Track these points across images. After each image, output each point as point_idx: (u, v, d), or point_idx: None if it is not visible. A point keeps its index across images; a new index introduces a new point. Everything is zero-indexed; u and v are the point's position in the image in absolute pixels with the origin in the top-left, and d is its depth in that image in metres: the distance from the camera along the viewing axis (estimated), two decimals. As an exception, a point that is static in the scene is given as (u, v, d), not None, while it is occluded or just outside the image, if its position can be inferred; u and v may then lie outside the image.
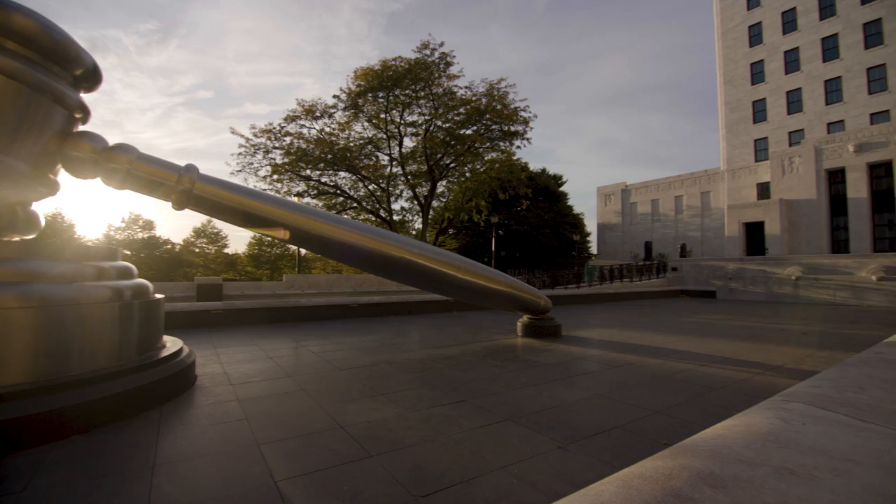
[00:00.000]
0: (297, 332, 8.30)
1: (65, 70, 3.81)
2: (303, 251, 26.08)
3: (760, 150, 37.31)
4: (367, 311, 11.07)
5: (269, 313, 9.63)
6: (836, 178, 29.77)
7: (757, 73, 37.82)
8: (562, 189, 47.46)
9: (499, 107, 27.06)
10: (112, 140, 4.12)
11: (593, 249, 51.81)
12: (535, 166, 45.54)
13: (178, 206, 4.44)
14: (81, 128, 4.12)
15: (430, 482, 2.42)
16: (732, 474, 1.35)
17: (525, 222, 40.60)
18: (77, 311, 3.33)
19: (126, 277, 4.06)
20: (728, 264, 24.38)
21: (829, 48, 33.45)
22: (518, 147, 29.13)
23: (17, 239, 3.88)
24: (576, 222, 45.48)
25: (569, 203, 47.02)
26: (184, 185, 4.29)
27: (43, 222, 4.13)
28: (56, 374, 3.18)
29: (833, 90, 33.30)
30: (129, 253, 4.67)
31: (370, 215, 30.08)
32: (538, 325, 7.70)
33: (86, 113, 4.08)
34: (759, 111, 37.68)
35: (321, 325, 9.24)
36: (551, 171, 48.52)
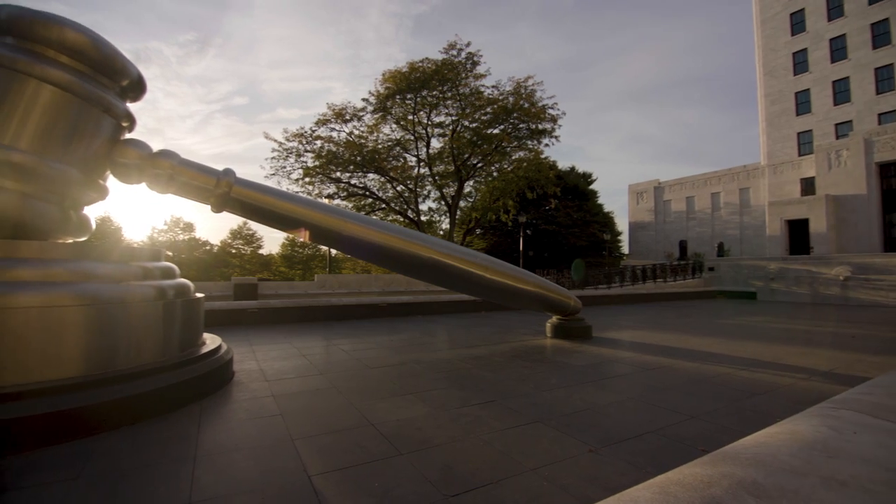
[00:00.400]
0: (329, 330, 8.48)
1: (113, 81, 4.03)
2: (333, 252, 26.65)
3: (804, 143, 35.36)
4: (396, 310, 11.19)
5: (301, 312, 9.89)
6: (888, 172, 27.92)
7: (800, 62, 35.85)
8: (591, 187, 46.55)
9: (526, 105, 26.82)
10: (155, 147, 4.33)
11: (624, 249, 50.52)
12: (563, 165, 44.87)
13: (217, 208, 4.62)
14: (128, 136, 4.36)
15: (459, 482, 2.43)
16: (777, 484, 1.29)
17: (553, 221, 40.05)
18: (125, 309, 3.52)
19: (169, 277, 4.26)
20: (769, 264, 23.28)
21: (880, 34, 31.32)
22: (546, 145, 28.80)
23: (70, 241, 4.14)
24: (606, 221, 44.52)
25: (599, 201, 46.07)
26: (222, 189, 4.47)
27: (94, 225, 4.39)
28: (106, 368, 3.36)
29: (884, 79, 31.18)
30: (171, 254, 4.93)
31: (398, 216, 30.40)
32: (568, 325, 7.58)
33: (132, 121, 4.31)
34: (802, 103, 35.71)
35: (351, 324, 9.41)
36: (580, 169, 47.75)
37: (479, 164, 29.18)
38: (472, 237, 39.93)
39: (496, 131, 27.66)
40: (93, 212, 4.41)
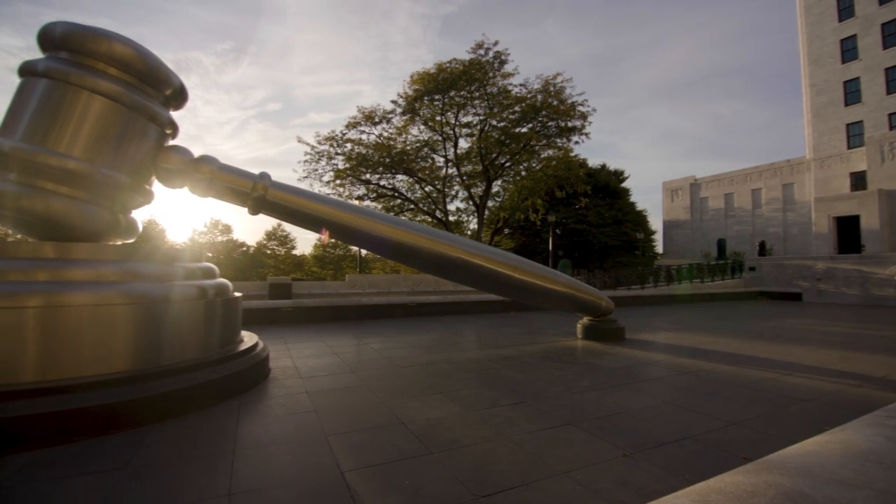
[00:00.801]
0: (359, 329, 8.62)
1: (157, 91, 4.25)
2: (364, 252, 27.07)
3: (854, 135, 33.18)
4: (425, 310, 11.26)
5: (333, 311, 10.10)
6: (951, 165, 25.88)
7: (848, 49, 33.63)
8: (623, 185, 45.31)
9: (555, 102, 26.42)
10: (196, 152, 4.53)
11: (658, 248, 48.95)
12: (594, 162, 43.89)
13: (254, 211, 4.79)
14: (171, 142, 4.57)
15: (490, 483, 2.43)
16: (828, 496, 1.23)
17: (584, 221, 39.26)
18: (169, 307, 3.70)
19: (209, 277, 4.45)
20: (816, 263, 22.04)
21: (939, 17, 29.07)
22: (576, 143, 28.31)
23: (119, 243, 4.38)
24: (639, 220, 43.22)
25: (631, 199, 44.78)
26: (258, 192, 4.63)
27: (140, 228, 4.64)
28: (152, 364, 3.54)
29: (944, 65, 28.91)
30: (210, 255, 5.17)
31: (426, 216, 30.56)
32: (599, 327, 7.42)
33: (175, 129, 4.53)
34: (851, 92, 33.49)
35: (381, 324, 9.54)
36: (612, 166, 46.53)
37: (508, 164, 28.95)
38: (500, 237, 39.67)
39: (524, 130, 27.38)
40: (139, 215, 4.65)
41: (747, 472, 1.43)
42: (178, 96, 4.52)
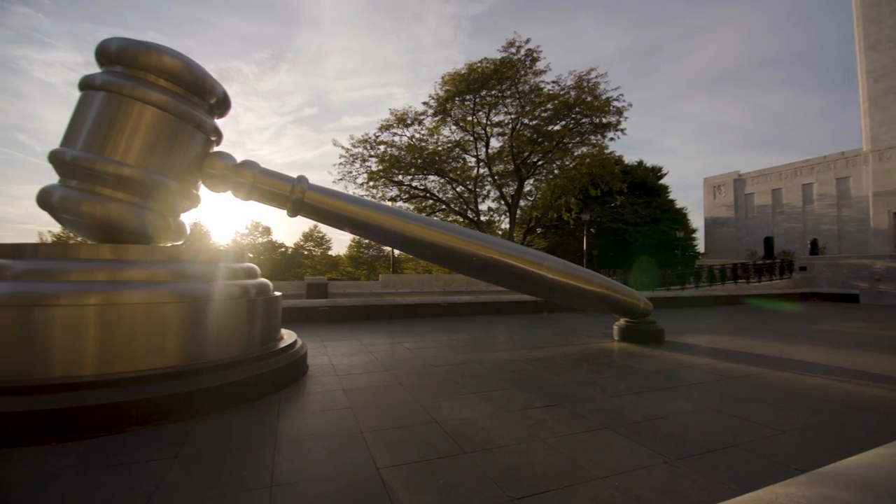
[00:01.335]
0: (393, 328, 8.74)
1: (203, 100, 4.47)
2: (397, 252, 27.43)
3: (919, 124, 30.62)
4: (457, 310, 11.28)
5: (367, 311, 10.29)
6: None
7: (911, 32, 31.09)
8: (661, 182, 43.79)
9: (589, 98, 25.87)
10: (238, 158, 4.73)
11: (700, 247, 46.97)
12: (630, 159, 42.60)
13: (292, 213, 4.95)
14: (215, 149, 4.80)
15: (525, 485, 2.41)
16: (891, 512, 1.15)
17: (620, 219, 38.18)
18: (215, 305, 3.88)
19: (251, 277, 4.64)
20: (875, 262, 20.52)
21: None
22: (611, 139, 27.61)
23: (169, 244, 4.64)
24: (678, 218, 41.63)
25: (670, 197, 43.21)
26: (297, 195, 4.79)
27: (188, 230, 4.88)
28: (198, 359, 3.73)
29: None
30: (251, 255, 5.40)
31: (458, 216, 30.62)
32: (637, 328, 7.20)
33: (219, 135, 4.74)
34: (914, 78, 30.93)
35: (413, 323, 9.63)
36: (649, 162, 45.04)
37: (540, 162, 28.59)
38: (532, 236, 39.21)
39: (557, 128, 26.95)
40: (187, 218, 4.90)
41: (800, 483, 1.35)
42: (222, 104, 4.74)
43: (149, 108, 3.97)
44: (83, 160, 3.79)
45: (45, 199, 3.90)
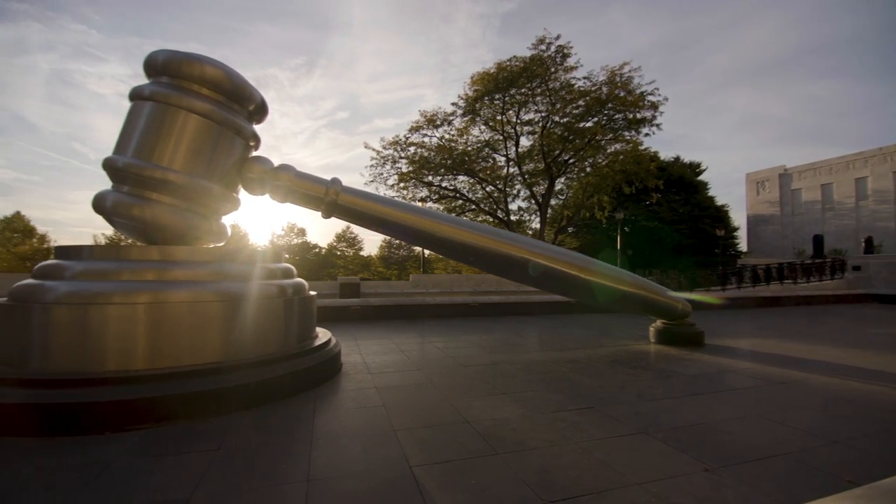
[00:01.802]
0: (423, 328, 8.81)
1: (242, 107, 4.65)
2: (427, 253, 27.65)
3: None
4: (487, 310, 11.24)
5: (399, 310, 10.42)
6: None
7: None
8: (700, 178, 42.16)
9: (622, 94, 25.21)
10: (274, 162, 4.89)
11: (742, 246, 44.86)
12: (666, 155, 41.23)
13: (326, 214, 5.08)
14: (254, 153, 4.98)
15: (558, 488, 2.38)
16: (960, 531, 1.07)
17: (655, 217, 37.01)
18: (254, 304, 4.04)
19: (288, 277, 4.79)
20: (942, 262, 18.97)
21: None
22: (646, 135, 26.77)
23: (211, 246, 4.85)
24: (718, 215, 39.95)
25: (709, 194, 41.56)
26: (330, 197, 4.91)
27: (229, 232, 5.09)
28: (239, 356, 3.88)
29: None
30: (287, 256, 5.57)
31: (488, 216, 30.49)
32: (675, 330, 6.95)
33: (257, 141, 4.92)
34: None
35: (444, 323, 9.66)
36: (686, 158, 43.43)
37: (571, 160, 28.07)
38: (563, 236, 38.56)
39: (589, 124, 26.39)
40: (228, 220, 5.11)
41: (855, 497, 1.27)
42: (260, 111, 4.91)
43: (193, 116, 4.17)
44: (133, 167, 4.02)
45: (100, 204, 4.16)
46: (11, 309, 3.54)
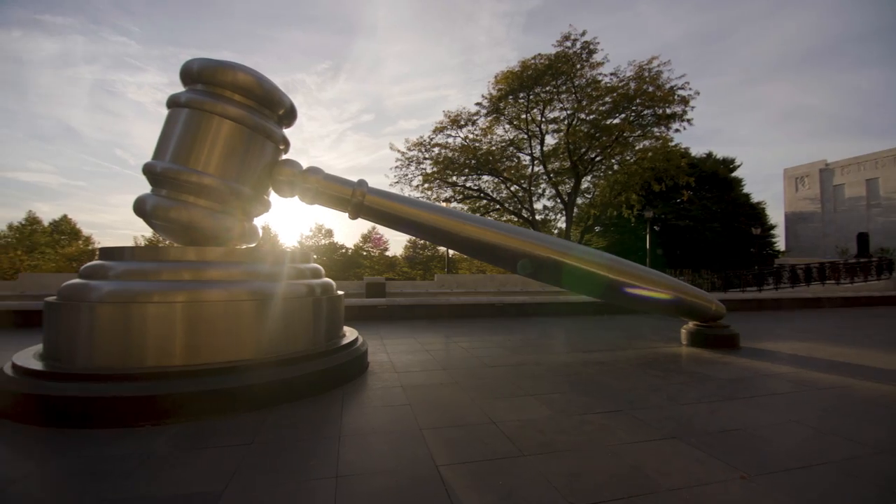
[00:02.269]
0: (448, 328, 8.83)
1: (272, 112, 4.78)
2: (451, 252, 27.67)
3: None
4: (512, 310, 11.17)
5: (424, 310, 10.48)
6: None
7: None
8: (734, 175, 40.63)
9: (650, 89, 24.60)
10: (303, 164, 5.00)
11: (780, 245, 42.99)
12: (698, 151, 39.96)
13: (353, 215, 5.16)
14: (283, 157, 5.11)
15: (586, 491, 2.34)
16: None
17: (687, 215, 35.89)
18: (285, 303, 4.15)
19: (317, 277, 4.89)
20: None
21: None
22: (676, 131, 26.07)
23: (243, 247, 5.00)
24: (754, 213, 38.42)
25: (744, 190, 40.03)
26: (357, 198, 4.99)
27: (260, 233, 5.24)
28: (270, 353, 3.99)
29: None
30: (315, 256, 5.73)
31: (512, 216, 30.29)
32: (708, 333, 6.72)
33: (287, 144, 5.05)
34: None
35: (469, 323, 9.66)
36: (719, 154, 41.94)
37: (598, 158, 27.55)
38: (590, 235, 37.92)
39: (616, 121, 25.85)
40: (259, 222, 5.26)
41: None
42: (290, 115, 5.04)
43: (226, 121, 4.31)
44: (171, 171, 4.19)
45: (140, 207, 4.36)
46: (60, 307, 3.75)
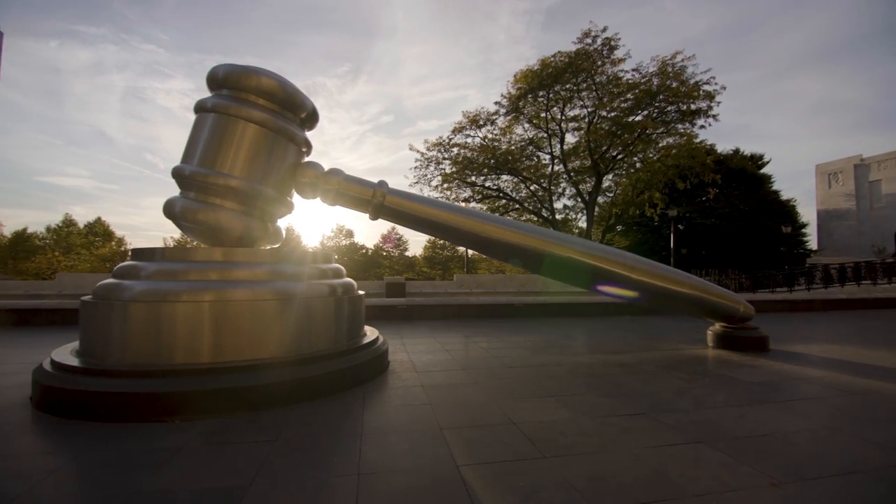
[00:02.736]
0: (468, 328, 8.82)
1: (295, 115, 4.86)
2: (471, 252, 27.66)
3: None
4: (532, 311, 11.08)
5: (443, 309, 10.50)
6: None
7: None
8: (763, 171, 39.32)
9: (674, 84, 24.06)
10: (325, 166, 5.08)
11: (811, 244, 41.40)
12: (724, 147, 38.81)
13: (374, 216, 5.21)
14: (306, 159, 5.19)
15: (609, 495, 2.31)
16: None
17: (712, 214, 34.94)
18: (307, 303, 4.22)
19: (338, 276, 4.97)
20: None
21: None
22: (701, 127, 25.45)
23: (267, 247, 5.11)
24: (784, 210, 37.10)
25: (773, 187, 38.69)
26: (377, 199, 5.04)
27: (284, 234, 5.35)
28: (293, 352, 4.07)
29: None
30: (336, 257, 5.83)
31: (532, 216, 30.06)
32: (736, 335, 6.53)
33: (309, 147, 5.14)
34: None
35: (488, 323, 9.63)
36: (747, 150, 40.65)
37: (620, 156, 27.09)
38: (612, 235, 37.28)
39: (639, 118, 25.36)
40: (282, 223, 5.37)
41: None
42: (312, 118, 5.12)
43: (251, 125, 4.41)
44: (199, 174, 4.32)
45: (169, 209, 4.50)
46: (95, 306, 3.90)
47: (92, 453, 2.82)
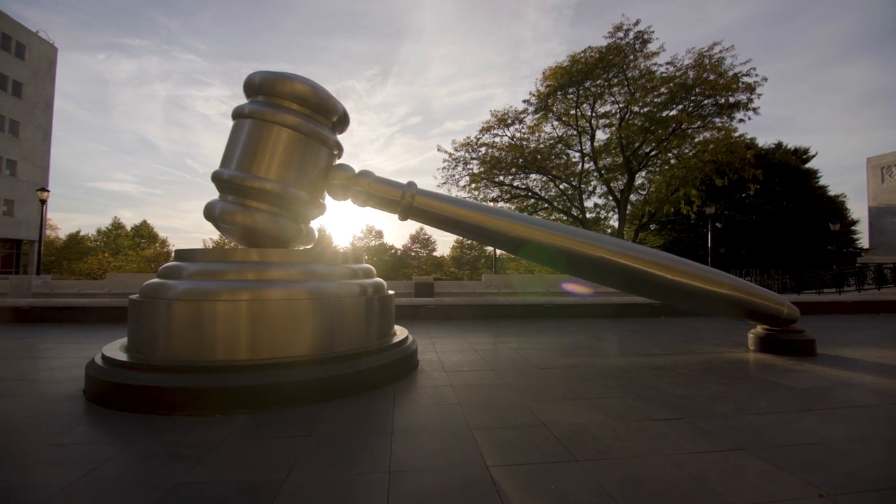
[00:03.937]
0: (496, 328, 8.78)
1: (326, 119, 4.98)
2: (499, 252, 27.50)
3: None
4: (562, 311, 10.91)
5: (471, 309, 10.49)
6: None
7: None
8: (808, 166, 37.33)
9: (711, 77, 23.15)
10: (355, 168, 5.17)
11: (862, 242, 38.94)
12: (765, 141, 37.18)
13: (403, 217, 5.27)
14: (337, 161, 5.31)
15: (644, 501, 2.25)
16: None
17: (753, 211, 33.43)
18: (339, 302, 4.32)
19: (369, 277, 5.05)
20: None
21: None
22: (741, 121, 24.38)
23: (301, 248, 5.25)
24: (832, 207, 35.06)
25: (819, 183, 36.62)
26: (407, 200, 5.09)
27: (316, 235, 5.48)
28: (326, 351, 4.17)
29: None
30: (366, 257, 5.95)
31: (561, 215, 29.62)
32: (780, 338, 6.22)
33: (340, 150, 5.25)
34: None
35: (517, 323, 9.55)
36: (790, 144, 38.68)
37: (653, 152, 26.30)
38: (645, 233, 36.22)
39: (673, 112, 24.55)
40: (315, 224, 5.51)
41: None
42: (342, 121, 5.23)
43: (285, 129, 4.55)
44: (237, 178, 4.49)
45: (209, 212, 4.70)
46: (142, 304, 4.12)
47: (139, 444, 2.98)
